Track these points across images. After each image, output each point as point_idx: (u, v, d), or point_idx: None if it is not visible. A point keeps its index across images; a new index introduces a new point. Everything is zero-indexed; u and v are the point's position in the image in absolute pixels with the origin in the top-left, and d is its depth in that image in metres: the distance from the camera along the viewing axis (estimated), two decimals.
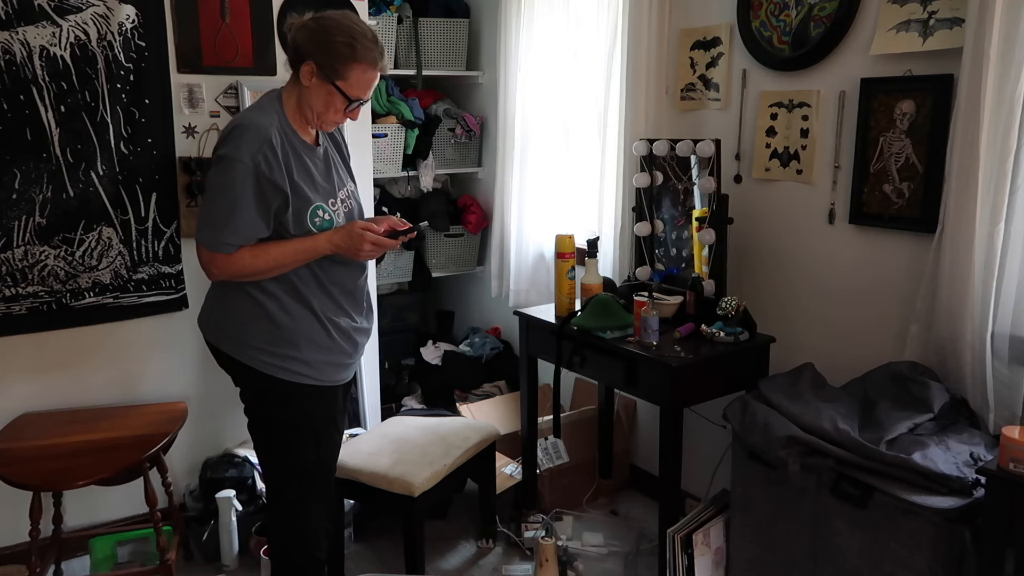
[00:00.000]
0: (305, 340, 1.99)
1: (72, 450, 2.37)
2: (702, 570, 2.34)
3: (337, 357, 2.06)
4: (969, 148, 1.98)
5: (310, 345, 2.00)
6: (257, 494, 2.84)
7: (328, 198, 2.02)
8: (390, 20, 3.65)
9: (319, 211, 1.97)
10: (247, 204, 1.86)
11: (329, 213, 2.00)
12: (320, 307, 2.01)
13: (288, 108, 1.97)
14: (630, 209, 2.90)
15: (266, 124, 1.89)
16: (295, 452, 2.06)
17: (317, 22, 1.92)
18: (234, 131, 1.88)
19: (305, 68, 1.92)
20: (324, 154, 2.06)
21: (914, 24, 2.16)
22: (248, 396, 2.07)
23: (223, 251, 1.89)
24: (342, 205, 2.07)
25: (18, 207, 2.59)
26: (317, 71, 1.91)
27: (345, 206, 2.08)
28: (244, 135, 1.86)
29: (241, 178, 1.84)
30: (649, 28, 2.83)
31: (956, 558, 1.81)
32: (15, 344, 2.64)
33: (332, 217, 2.00)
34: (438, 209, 3.87)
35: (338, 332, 2.05)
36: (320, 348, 2.01)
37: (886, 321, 2.34)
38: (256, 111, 1.96)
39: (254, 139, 1.86)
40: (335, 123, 2.03)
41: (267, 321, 1.97)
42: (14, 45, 2.52)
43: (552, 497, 3.06)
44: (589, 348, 2.55)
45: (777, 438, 2.03)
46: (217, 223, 1.88)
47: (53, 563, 2.66)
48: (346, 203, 2.09)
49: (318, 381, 2.02)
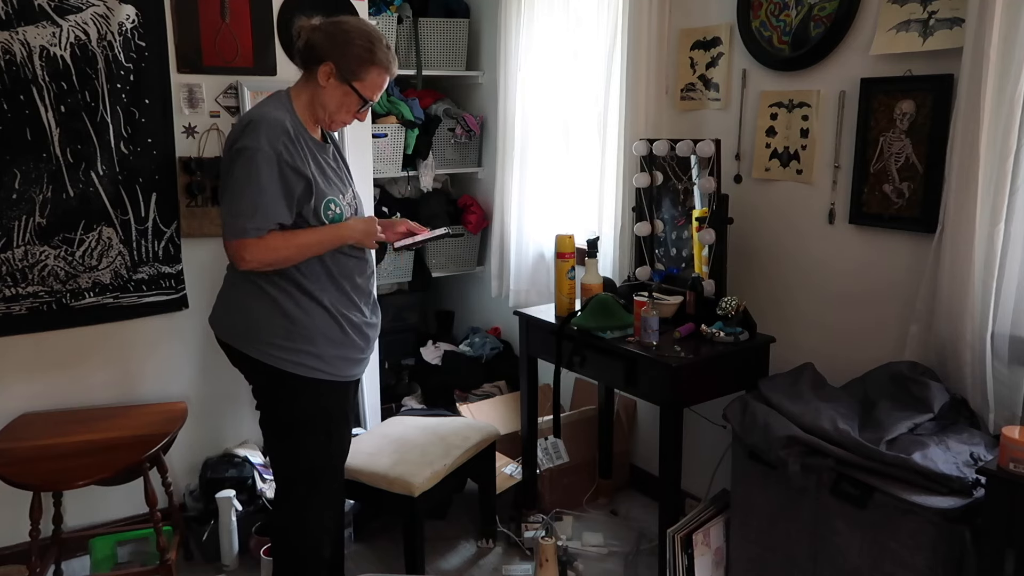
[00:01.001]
0: (320, 335, 2.02)
1: (72, 450, 2.37)
2: (702, 570, 2.34)
3: (350, 352, 2.09)
4: (969, 148, 1.98)
5: (324, 340, 2.03)
6: (257, 494, 2.84)
7: (339, 193, 2.07)
8: (390, 20, 3.65)
9: (332, 204, 2.03)
10: (273, 190, 1.91)
11: (341, 207, 2.05)
12: (332, 302, 2.04)
13: (298, 107, 2.03)
14: (630, 209, 2.90)
15: (280, 116, 1.95)
16: (306, 448, 2.08)
17: (336, 25, 2.01)
18: (249, 124, 1.92)
19: (323, 68, 1.98)
20: (333, 152, 2.14)
21: (914, 24, 2.16)
22: (261, 392, 2.10)
23: (251, 236, 1.91)
24: (348, 206, 2.12)
25: (18, 207, 2.59)
26: (335, 72, 1.99)
27: (351, 207, 2.15)
28: (260, 126, 1.90)
29: (266, 165, 1.89)
30: (649, 28, 2.83)
31: (956, 558, 1.81)
32: (15, 344, 2.64)
33: (343, 211, 2.06)
34: (438, 209, 3.87)
35: (351, 327, 2.08)
36: (334, 343, 2.05)
37: (886, 321, 2.34)
38: (267, 107, 2.00)
39: (271, 129, 1.91)
40: (343, 123, 2.09)
41: (281, 317, 2.00)
42: (14, 45, 2.52)
43: (552, 497, 3.06)
44: (589, 348, 2.55)
45: (777, 438, 2.03)
46: (245, 211, 1.91)
47: (53, 563, 2.66)
48: (351, 204, 2.15)
49: (332, 376, 2.06)
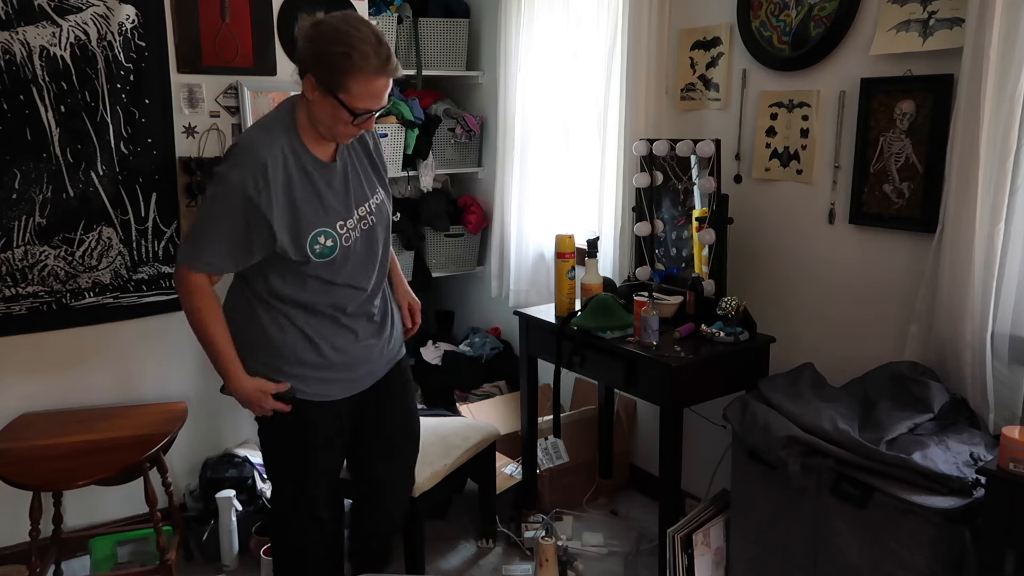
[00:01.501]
0: (292, 355, 1.97)
1: (72, 450, 2.37)
2: (702, 570, 2.34)
3: (328, 373, 2.01)
4: (969, 148, 1.98)
5: (297, 362, 1.97)
6: (257, 494, 2.84)
7: (338, 220, 1.91)
8: (390, 20, 3.65)
9: (320, 237, 1.88)
10: (219, 232, 1.83)
11: (333, 238, 1.90)
12: (311, 327, 1.96)
13: (300, 122, 1.88)
14: (630, 209, 2.90)
15: (267, 145, 1.82)
16: (282, 460, 2.08)
17: (315, 29, 1.79)
18: (234, 149, 1.86)
19: (306, 82, 1.81)
20: (342, 170, 1.95)
21: (914, 24, 2.16)
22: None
23: (187, 265, 1.87)
24: (360, 223, 1.95)
25: (18, 207, 2.59)
26: (317, 84, 1.78)
27: (365, 223, 1.97)
28: (240, 156, 1.82)
29: (223, 204, 1.81)
30: (649, 28, 2.83)
31: (956, 558, 1.81)
32: (15, 344, 2.64)
33: (336, 243, 1.90)
34: (438, 209, 3.87)
35: (332, 349, 1.99)
36: (307, 365, 1.98)
37: (886, 321, 2.34)
38: (262, 130, 1.88)
39: (249, 163, 1.79)
40: (349, 136, 1.90)
41: (260, 332, 1.96)
42: (14, 45, 2.52)
43: (552, 497, 3.06)
44: (589, 348, 2.55)
45: (777, 438, 2.03)
46: (191, 239, 1.89)
47: (53, 563, 2.66)
48: (366, 219, 1.97)
49: (308, 396, 1.99)
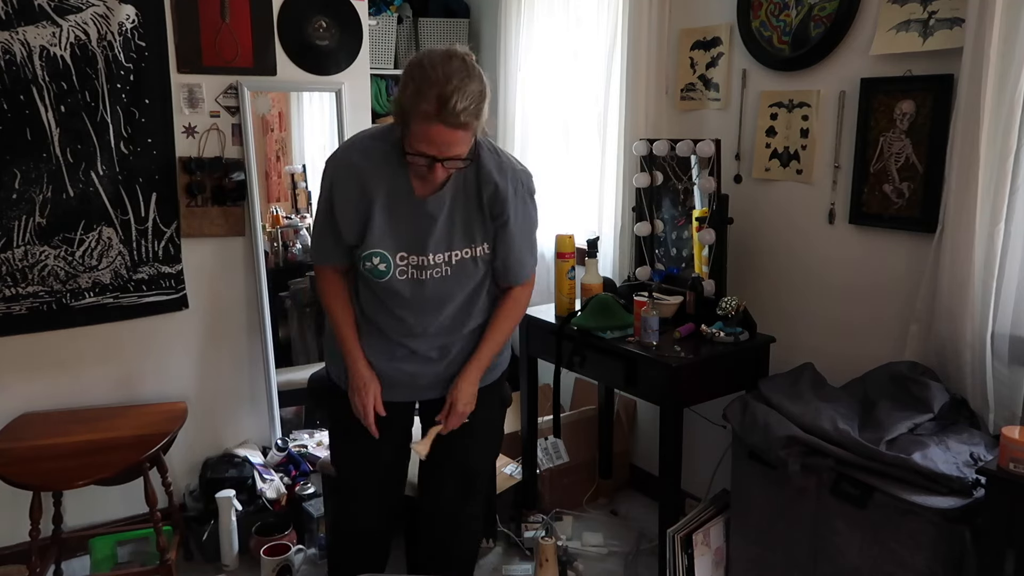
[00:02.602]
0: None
1: (72, 450, 2.37)
2: (702, 570, 2.34)
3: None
4: (969, 148, 1.98)
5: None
6: (257, 494, 2.83)
7: (400, 251, 1.84)
8: (390, 20, 3.65)
9: (375, 257, 1.83)
10: (316, 222, 1.95)
11: (388, 264, 1.84)
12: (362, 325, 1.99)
13: None
14: (630, 209, 2.90)
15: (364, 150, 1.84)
16: (332, 445, 2.22)
17: (411, 58, 1.72)
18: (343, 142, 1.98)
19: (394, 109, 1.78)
20: (432, 209, 1.83)
21: (914, 24, 2.16)
22: None
23: (311, 256, 2.02)
24: (430, 269, 1.86)
25: (18, 207, 2.59)
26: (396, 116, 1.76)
27: (437, 271, 1.87)
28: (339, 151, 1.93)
29: (324, 192, 1.90)
30: (649, 28, 2.83)
31: (956, 558, 1.81)
32: (15, 344, 2.64)
33: (389, 270, 1.84)
34: None
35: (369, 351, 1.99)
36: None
37: (886, 321, 2.34)
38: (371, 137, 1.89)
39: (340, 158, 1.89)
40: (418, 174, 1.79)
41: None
42: (14, 45, 2.52)
43: (552, 497, 3.06)
44: (589, 348, 2.55)
45: (777, 438, 2.03)
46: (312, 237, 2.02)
47: (53, 563, 2.66)
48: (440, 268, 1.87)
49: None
